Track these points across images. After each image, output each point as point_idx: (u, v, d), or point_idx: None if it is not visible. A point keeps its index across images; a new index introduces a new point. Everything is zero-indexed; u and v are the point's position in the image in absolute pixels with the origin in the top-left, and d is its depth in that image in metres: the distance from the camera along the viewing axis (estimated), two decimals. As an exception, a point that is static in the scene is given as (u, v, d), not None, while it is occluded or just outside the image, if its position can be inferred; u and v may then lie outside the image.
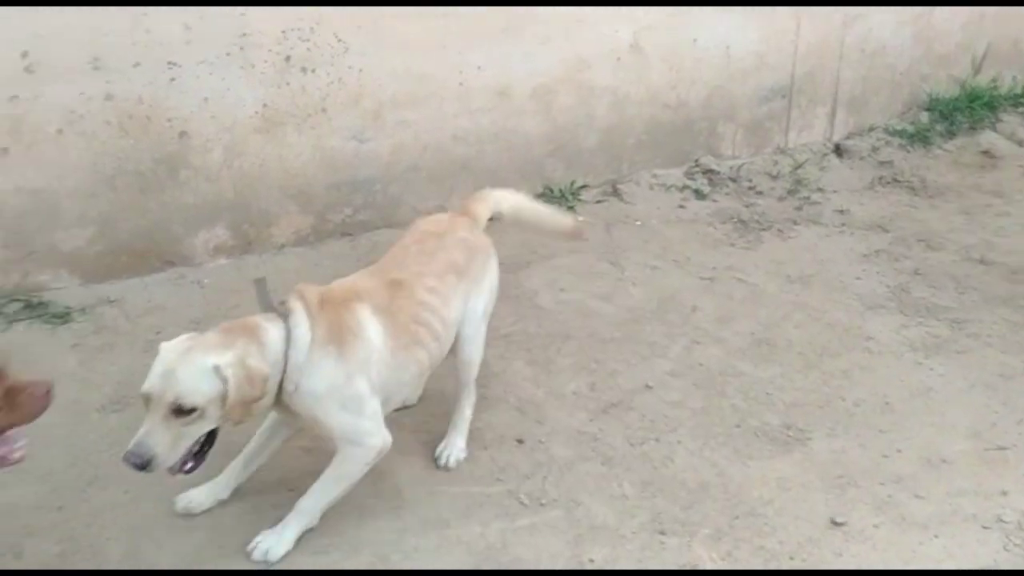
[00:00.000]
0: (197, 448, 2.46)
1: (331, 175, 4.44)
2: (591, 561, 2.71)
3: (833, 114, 5.88)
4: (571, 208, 4.96)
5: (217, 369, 2.36)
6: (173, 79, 3.94)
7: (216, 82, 4.02)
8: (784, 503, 2.96)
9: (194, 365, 2.36)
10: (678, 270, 4.43)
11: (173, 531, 2.78)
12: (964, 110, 6.16)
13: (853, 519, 2.90)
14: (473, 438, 3.21)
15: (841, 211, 5.14)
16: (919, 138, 5.90)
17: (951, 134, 6.02)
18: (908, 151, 5.82)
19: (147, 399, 2.37)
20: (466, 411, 3.16)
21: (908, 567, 2.72)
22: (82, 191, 3.92)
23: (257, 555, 2.66)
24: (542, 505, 2.93)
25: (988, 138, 6.00)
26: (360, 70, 4.31)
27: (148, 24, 3.81)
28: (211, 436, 2.47)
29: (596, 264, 4.46)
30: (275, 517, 2.77)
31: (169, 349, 2.43)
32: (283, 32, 4.09)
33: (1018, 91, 6.51)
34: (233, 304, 3.98)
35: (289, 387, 2.54)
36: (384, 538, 2.78)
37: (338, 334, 2.61)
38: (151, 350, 3.56)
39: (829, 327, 3.98)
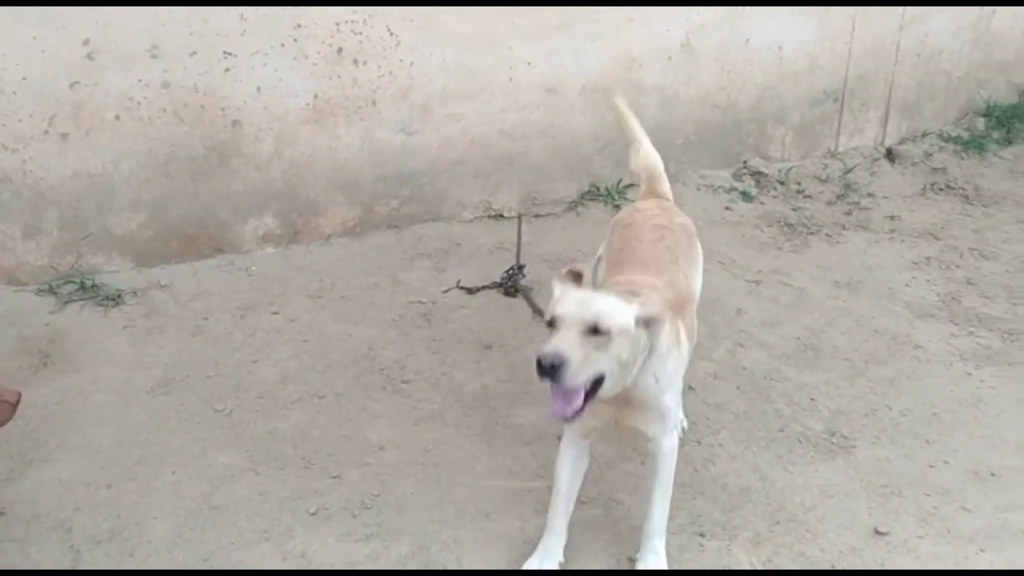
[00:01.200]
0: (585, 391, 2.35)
1: (379, 167, 4.47)
2: (630, 560, 2.70)
3: (886, 118, 5.80)
4: (617, 207, 4.94)
5: (631, 309, 2.37)
6: (228, 69, 3.99)
7: (269, 73, 4.07)
8: (826, 510, 2.93)
9: (610, 299, 2.39)
10: (723, 272, 4.39)
11: (216, 513, 2.83)
12: (1022, 117, 6.04)
13: (897, 530, 2.86)
14: (515, 434, 3.23)
15: (891, 217, 5.07)
16: (974, 145, 5.80)
17: (1008, 141, 5.91)
18: (962, 158, 5.73)
19: (558, 321, 2.34)
20: None
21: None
22: (136, 176, 3.99)
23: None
24: (582, 503, 2.91)
25: None
26: (411, 63, 4.33)
27: (205, 14, 3.86)
28: (594, 386, 2.37)
29: (641, 263, 4.44)
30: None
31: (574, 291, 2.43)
32: (336, 24, 4.12)
33: (1080, 98, 6.38)
34: (279, 292, 4.03)
35: (650, 380, 2.50)
36: (424, 528, 2.80)
37: (674, 334, 2.61)
38: (199, 335, 3.70)
39: (876, 334, 3.93)
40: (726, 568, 2.70)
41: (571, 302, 2.36)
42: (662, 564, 2.67)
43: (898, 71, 5.69)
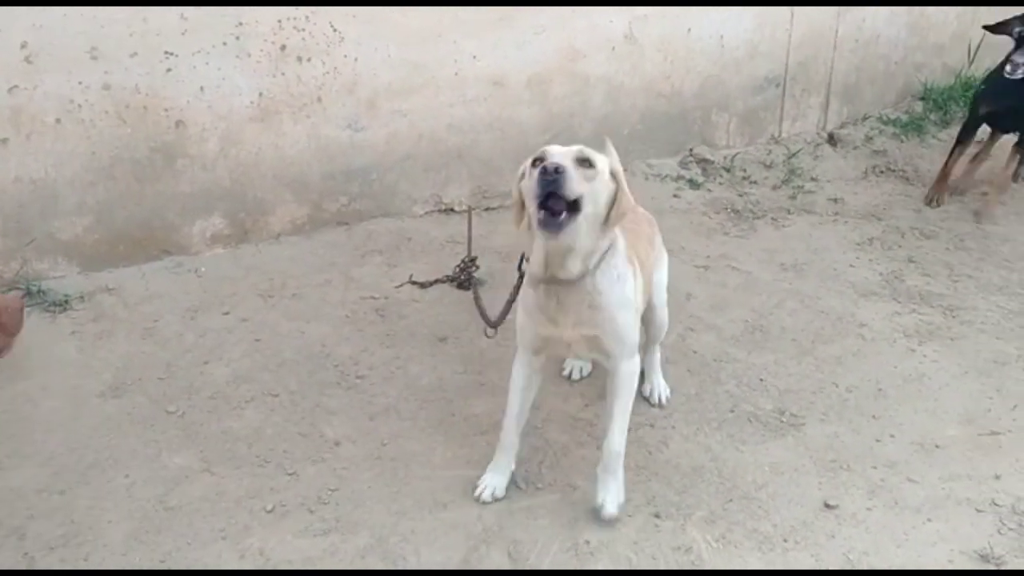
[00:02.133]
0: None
1: (326, 164, 4.45)
2: (587, 543, 2.74)
3: (827, 104, 5.90)
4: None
5: (604, 158, 2.59)
6: (170, 69, 3.95)
7: (212, 72, 4.03)
8: (777, 487, 2.99)
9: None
10: (673, 258, 4.36)
11: (172, 514, 2.81)
12: (958, 99, 6.19)
13: (846, 503, 2.93)
14: (470, 424, 3.25)
15: (834, 200, 5.18)
16: (913, 127, 5.93)
17: (945, 123, 6.05)
18: (902, 140, 5.86)
19: (548, 155, 2.49)
20: (657, 354, 3.44)
21: (901, 550, 2.75)
22: (80, 180, 3.94)
23: (615, 511, 2.80)
24: (538, 489, 2.96)
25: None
26: (355, 59, 4.33)
27: (145, 14, 3.82)
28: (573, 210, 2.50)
29: (591, 253, 4.48)
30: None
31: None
32: (279, 22, 4.10)
33: (1012, 81, 6.54)
34: (230, 292, 4.01)
35: (612, 273, 2.65)
36: (382, 520, 2.80)
37: (633, 257, 2.78)
38: (149, 338, 3.68)
39: (822, 314, 4.01)
40: (681, 546, 2.75)
41: (556, 147, 2.55)
42: (619, 483, 2.83)
43: (837, 57, 5.80)
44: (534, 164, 2.52)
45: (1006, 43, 4.81)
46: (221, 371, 3.50)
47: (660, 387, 3.42)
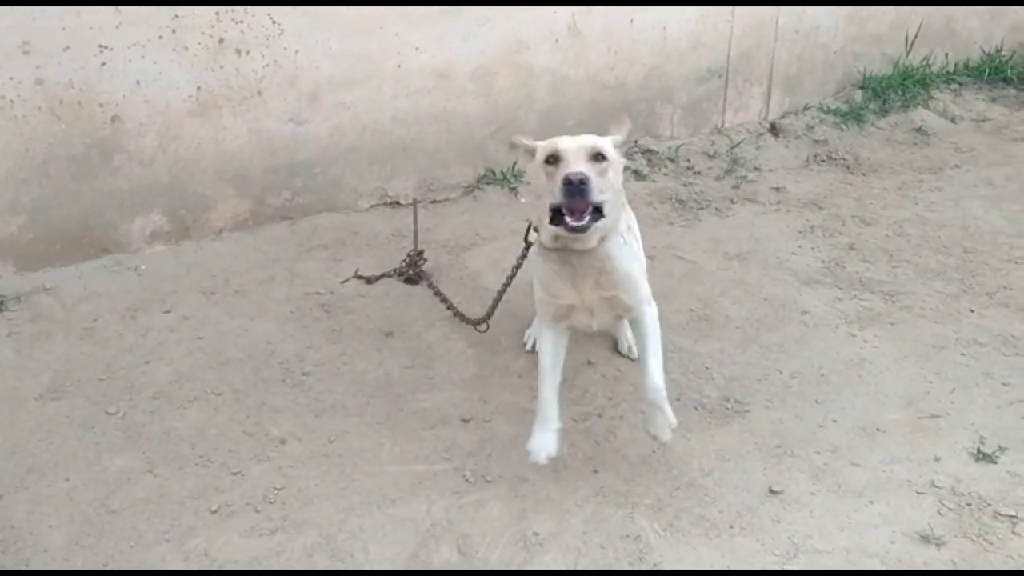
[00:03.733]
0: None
1: (268, 158, 4.40)
2: (535, 535, 2.75)
3: (769, 94, 5.96)
4: (513, 190, 4.97)
5: (610, 139, 2.78)
6: (104, 63, 3.87)
7: (148, 65, 3.96)
8: (723, 473, 3.03)
9: (595, 136, 2.75)
10: (619, 249, 4.46)
11: (114, 517, 2.77)
12: (897, 88, 6.28)
13: (790, 487, 2.97)
14: (418, 419, 3.24)
15: (777, 189, 5.23)
16: (853, 116, 6.00)
17: (884, 112, 6.13)
18: (842, 129, 5.93)
19: (563, 154, 2.65)
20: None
21: (844, 533, 2.79)
22: (13, 177, 3.85)
23: (670, 436, 2.94)
24: (488, 482, 2.96)
25: (920, 115, 6.13)
26: (296, 51, 4.27)
27: (78, 7, 3.74)
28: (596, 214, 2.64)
29: (538, 244, 4.47)
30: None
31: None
32: (216, 14, 4.03)
33: (950, 69, 6.65)
34: (171, 290, 3.95)
35: (622, 234, 2.83)
36: (329, 518, 2.79)
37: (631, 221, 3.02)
38: (88, 338, 3.60)
39: (766, 302, 4.05)
40: (629, 534, 2.76)
41: (566, 140, 2.70)
42: (666, 412, 2.92)
43: (778, 47, 5.85)
44: (548, 161, 2.67)
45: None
46: (163, 371, 3.45)
47: (632, 341, 3.54)
